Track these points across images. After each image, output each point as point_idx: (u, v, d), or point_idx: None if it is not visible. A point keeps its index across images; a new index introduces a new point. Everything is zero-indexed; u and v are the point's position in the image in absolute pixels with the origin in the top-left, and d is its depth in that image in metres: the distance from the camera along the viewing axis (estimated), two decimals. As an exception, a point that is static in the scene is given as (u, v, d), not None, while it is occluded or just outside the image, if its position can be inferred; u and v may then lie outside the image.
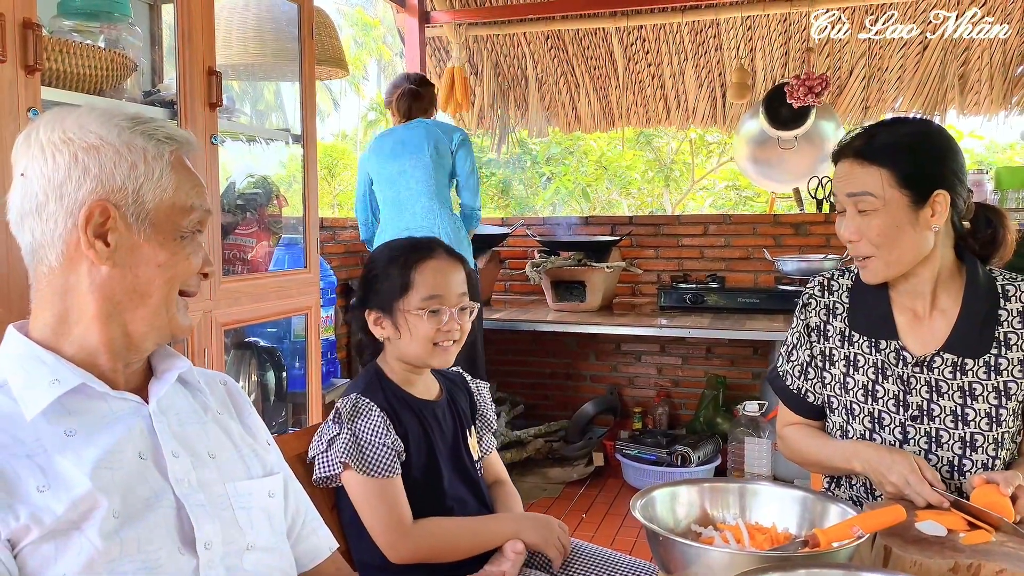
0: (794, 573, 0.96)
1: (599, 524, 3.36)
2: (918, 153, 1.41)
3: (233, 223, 2.45)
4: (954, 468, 1.44)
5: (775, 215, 4.36)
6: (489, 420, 1.71)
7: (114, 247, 0.93)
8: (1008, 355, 1.42)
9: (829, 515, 1.16)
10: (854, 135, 1.47)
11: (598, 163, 11.32)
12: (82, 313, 0.94)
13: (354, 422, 1.46)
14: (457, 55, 4.66)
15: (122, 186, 0.94)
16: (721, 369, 4.24)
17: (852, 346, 1.51)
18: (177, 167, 0.98)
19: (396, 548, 1.45)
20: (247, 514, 1.00)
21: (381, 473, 1.44)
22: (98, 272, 0.94)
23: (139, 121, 0.97)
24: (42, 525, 0.83)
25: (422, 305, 1.51)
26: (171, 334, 1.01)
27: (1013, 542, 1.16)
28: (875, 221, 1.40)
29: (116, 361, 0.96)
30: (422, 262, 1.54)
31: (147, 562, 0.88)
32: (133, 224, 0.94)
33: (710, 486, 1.27)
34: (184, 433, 0.99)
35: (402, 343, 1.54)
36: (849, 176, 1.43)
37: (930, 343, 1.45)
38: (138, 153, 0.95)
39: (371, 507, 1.45)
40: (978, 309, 1.44)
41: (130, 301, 0.95)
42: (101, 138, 0.93)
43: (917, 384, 1.45)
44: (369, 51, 17.67)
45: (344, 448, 1.44)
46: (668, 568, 1.12)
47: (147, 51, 2.29)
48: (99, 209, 0.92)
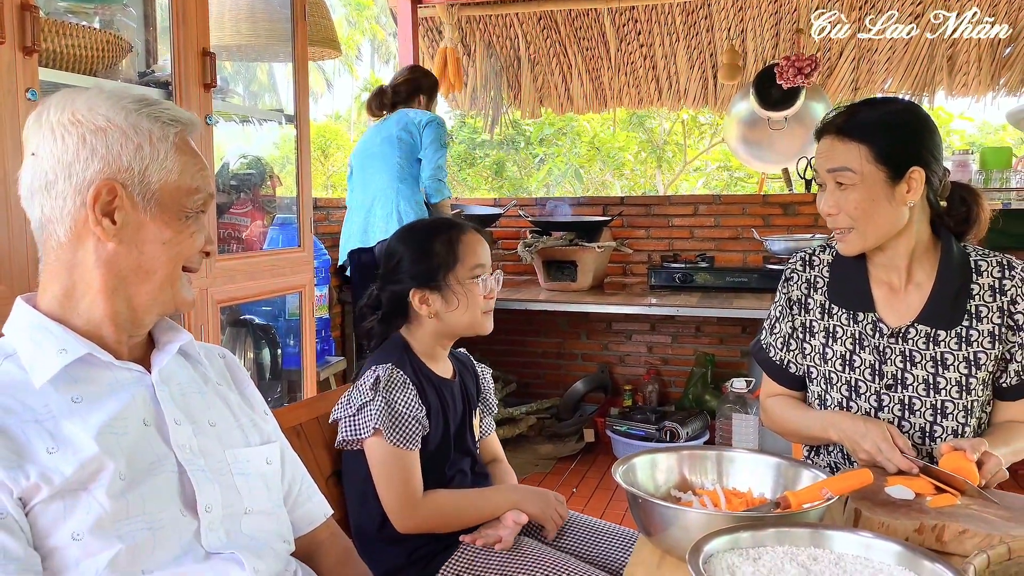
0: (765, 532, 1.01)
1: (589, 498, 3.43)
2: (896, 131, 1.46)
3: (228, 203, 2.49)
4: (925, 435, 1.50)
5: (764, 195, 4.41)
6: (491, 404, 1.78)
7: (120, 225, 0.97)
8: (979, 327, 1.48)
9: (801, 479, 1.22)
10: (836, 113, 1.52)
11: (591, 144, 11.34)
12: (88, 287, 0.98)
13: (390, 392, 1.51)
14: (449, 36, 4.67)
15: (128, 166, 0.97)
16: (710, 347, 4.30)
17: (831, 318, 1.57)
18: (182, 148, 1.01)
19: (405, 519, 1.50)
20: (245, 480, 1.05)
21: (406, 444, 1.50)
22: (104, 248, 0.97)
23: (146, 103, 1.00)
24: (52, 485, 0.88)
25: (472, 274, 1.59)
26: (175, 307, 1.05)
27: (977, 504, 1.22)
28: (853, 195, 1.46)
29: (120, 333, 1.00)
30: (463, 235, 1.62)
31: (151, 522, 0.92)
32: (139, 203, 0.98)
33: (689, 453, 1.33)
34: (186, 402, 1.04)
35: (454, 314, 1.60)
36: (830, 151, 1.48)
37: (905, 315, 1.51)
38: (144, 135, 0.98)
39: (388, 476, 1.50)
40: (951, 283, 1.49)
41: (135, 276, 1.00)
42: (109, 120, 0.97)
43: (892, 354, 1.51)
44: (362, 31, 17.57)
45: (378, 415, 1.49)
46: (648, 531, 1.17)
47: (141, 32, 2.31)
48: (106, 188, 0.96)
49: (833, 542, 0.99)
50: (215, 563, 0.96)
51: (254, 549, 1.00)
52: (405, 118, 3.48)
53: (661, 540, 1.14)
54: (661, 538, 1.14)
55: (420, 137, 3.45)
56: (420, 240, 1.63)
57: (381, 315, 1.66)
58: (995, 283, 1.49)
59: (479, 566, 1.51)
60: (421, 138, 3.45)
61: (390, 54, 17.85)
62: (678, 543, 1.08)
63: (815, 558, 0.96)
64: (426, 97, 3.62)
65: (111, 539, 0.89)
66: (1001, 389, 1.52)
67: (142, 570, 0.91)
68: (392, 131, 3.47)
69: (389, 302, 1.64)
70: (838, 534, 1.00)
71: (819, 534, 1.01)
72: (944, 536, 1.14)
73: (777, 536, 1.00)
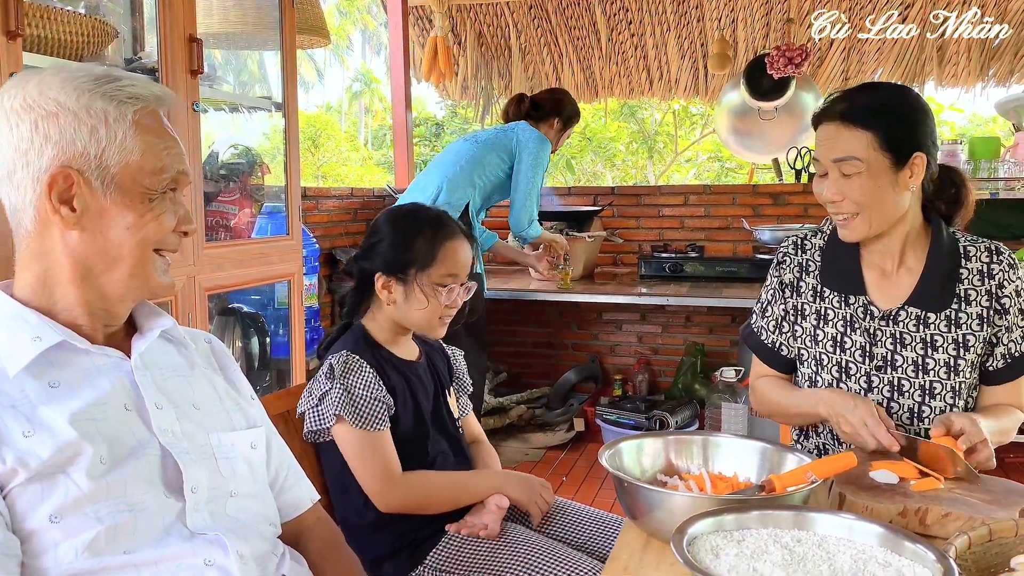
0: (749, 515, 1.02)
1: (579, 487, 3.44)
2: (899, 117, 1.46)
3: (216, 191, 2.48)
4: (914, 415, 1.52)
5: (754, 185, 4.41)
6: (466, 384, 1.77)
7: (80, 212, 0.95)
8: (968, 310, 1.50)
9: (786, 463, 1.22)
10: (833, 99, 1.51)
11: (582, 135, 11.33)
12: (59, 275, 0.97)
13: (346, 378, 1.52)
14: (440, 25, 4.65)
15: (84, 151, 0.94)
16: (700, 337, 4.31)
17: (823, 301, 1.58)
18: (143, 128, 0.97)
19: (386, 497, 1.50)
20: (229, 463, 1.05)
21: (373, 426, 1.50)
22: (70, 236, 0.96)
23: (103, 81, 0.96)
24: (28, 468, 0.87)
25: (441, 281, 1.58)
26: (150, 293, 1.03)
27: (960, 488, 1.23)
28: (858, 183, 1.45)
29: (95, 321, 0.99)
30: (448, 240, 1.61)
31: (132, 504, 0.92)
32: (98, 188, 0.95)
33: (675, 438, 1.33)
34: (168, 386, 1.03)
35: (408, 309, 1.59)
36: (834, 139, 1.46)
37: (896, 298, 1.52)
38: (98, 117, 0.94)
39: (362, 459, 1.50)
40: (941, 267, 1.51)
41: (103, 264, 0.97)
42: (59, 104, 0.93)
43: (882, 336, 1.52)
44: (353, 21, 17.51)
45: (338, 401, 1.49)
46: (634, 514, 1.18)
47: (127, 18, 2.30)
48: (62, 176, 0.93)
49: (816, 524, 1.00)
50: (198, 544, 0.96)
51: (238, 531, 1.00)
52: (508, 130, 3.36)
53: (646, 523, 1.15)
54: (646, 521, 1.15)
55: (515, 149, 3.32)
56: (405, 229, 1.63)
57: (356, 285, 1.66)
58: (983, 268, 1.51)
59: (465, 554, 1.51)
60: (516, 152, 3.32)
61: (381, 44, 17.80)
62: (663, 526, 1.09)
63: (799, 540, 0.97)
64: (562, 123, 3.49)
65: (90, 521, 0.89)
66: (987, 373, 1.53)
67: (123, 551, 0.91)
68: (480, 136, 3.38)
69: (358, 275, 1.65)
70: (821, 516, 1.01)
71: (803, 516, 1.01)
72: (927, 519, 1.15)
73: (761, 519, 1.01)
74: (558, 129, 3.48)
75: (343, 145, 16.49)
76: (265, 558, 1.03)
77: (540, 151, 3.31)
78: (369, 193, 4.37)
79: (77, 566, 0.88)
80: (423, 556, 1.54)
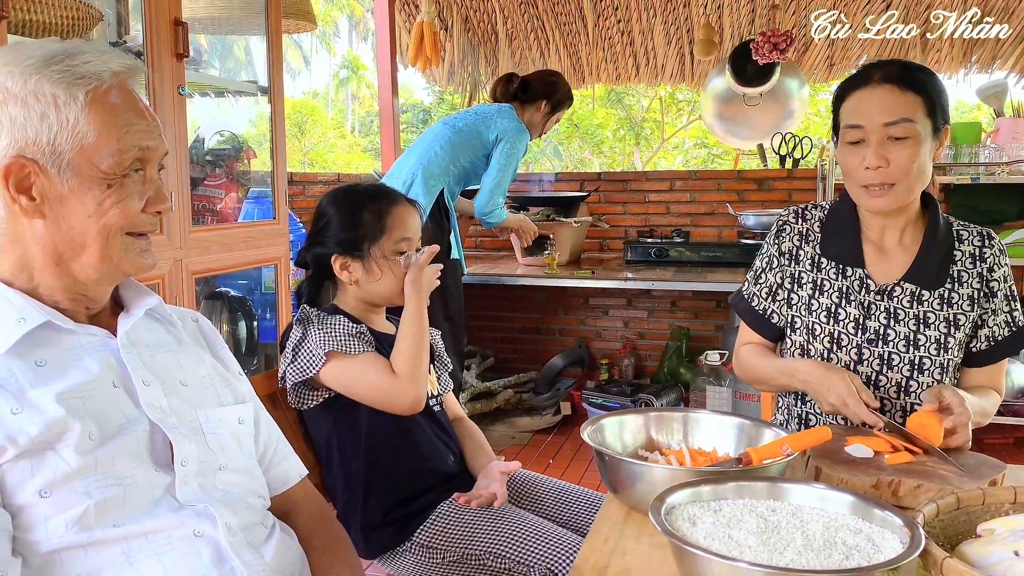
0: (726, 486, 1.04)
1: (565, 468, 3.48)
2: (938, 86, 1.48)
3: (202, 176, 2.48)
4: (901, 389, 1.55)
5: (739, 171, 4.45)
6: (445, 362, 1.80)
7: (40, 200, 0.93)
8: (960, 291, 1.53)
9: (763, 438, 1.25)
10: (872, 65, 1.49)
11: (569, 120, 11.34)
12: (35, 260, 0.97)
13: (323, 321, 1.56)
14: (426, 10, 4.64)
15: (35, 138, 0.91)
16: (685, 322, 4.35)
17: (820, 271, 1.59)
18: (98, 107, 0.93)
19: (406, 394, 1.53)
20: (217, 438, 1.06)
21: (363, 348, 1.54)
22: (35, 224, 0.94)
23: (55, 62, 0.92)
24: (17, 445, 0.89)
25: (396, 248, 1.61)
26: (125, 275, 1.03)
27: (931, 461, 1.27)
28: (908, 148, 1.43)
29: (76, 304, 1.00)
30: (393, 207, 1.63)
31: (121, 478, 0.94)
32: (54, 175, 0.92)
33: (656, 415, 1.36)
34: (155, 363, 1.04)
35: (374, 284, 1.62)
36: (887, 101, 1.44)
37: (891, 274, 1.55)
38: (47, 101, 0.91)
39: (365, 378, 1.54)
40: (937, 246, 1.54)
41: (71, 251, 0.96)
42: (6, 91, 0.91)
43: (877, 311, 1.55)
44: (340, 7, 17.39)
45: (322, 340, 1.52)
46: (615, 488, 1.21)
47: (112, 2, 2.29)
48: (17, 165, 0.91)
49: (791, 495, 1.03)
50: (187, 515, 0.98)
51: (227, 503, 1.02)
52: (486, 114, 3.35)
53: (628, 497, 1.18)
54: (627, 495, 1.17)
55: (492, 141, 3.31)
56: (350, 206, 1.64)
57: (310, 275, 1.68)
58: (976, 251, 1.55)
59: (452, 530, 1.54)
60: (494, 143, 3.31)
61: (368, 31, 17.70)
62: (644, 498, 1.11)
63: (773, 509, 1.00)
64: (550, 106, 3.47)
65: (79, 495, 0.90)
66: (971, 354, 1.57)
67: (113, 524, 0.92)
68: (456, 121, 3.36)
69: (314, 263, 1.66)
70: (795, 487, 1.04)
71: (777, 487, 1.04)
72: (900, 491, 1.19)
73: (737, 489, 1.03)
74: (545, 112, 3.47)
75: (330, 132, 16.42)
76: (253, 529, 1.05)
77: (517, 142, 3.32)
78: (356, 178, 4.37)
79: (67, 539, 0.90)
80: (412, 531, 1.56)
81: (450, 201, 3.33)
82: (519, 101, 3.44)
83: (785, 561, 0.87)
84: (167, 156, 1.05)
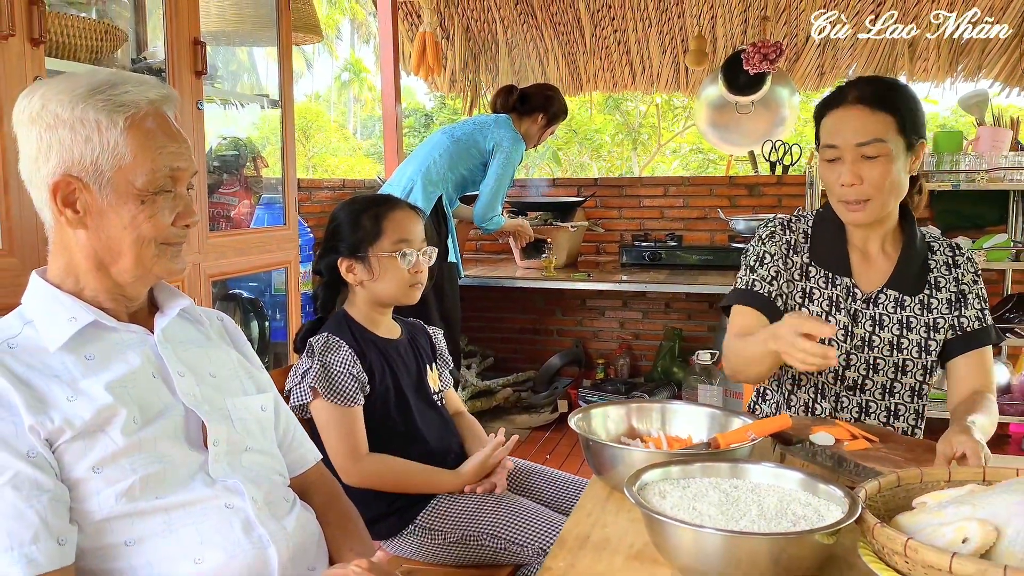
0: (694, 466, 1.18)
1: (561, 463, 3.61)
2: (911, 103, 1.55)
3: (217, 183, 2.62)
4: (886, 391, 1.66)
5: (731, 177, 4.58)
6: (447, 360, 1.93)
7: (83, 213, 1.07)
8: (938, 296, 1.64)
9: (732, 425, 1.39)
10: (845, 86, 1.57)
11: (568, 127, 11.47)
12: (80, 265, 1.12)
13: (325, 355, 1.68)
14: (428, 19, 4.78)
15: (80, 159, 1.05)
16: (678, 323, 4.49)
17: (809, 280, 1.67)
18: (136, 132, 1.06)
19: (349, 472, 1.66)
20: (243, 423, 1.20)
21: (344, 402, 1.66)
22: (79, 234, 1.09)
23: (98, 91, 1.05)
24: (73, 427, 1.02)
25: (394, 248, 1.73)
26: (158, 279, 1.17)
27: (886, 447, 1.40)
28: (880, 167, 1.50)
29: (117, 304, 1.14)
30: (390, 211, 1.77)
31: (161, 457, 1.08)
32: (96, 191, 1.06)
33: (637, 405, 1.49)
34: (187, 356, 1.19)
35: (377, 284, 1.75)
36: (858, 122, 1.51)
37: (876, 281, 1.65)
38: (91, 126, 1.05)
39: (332, 432, 1.66)
40: (915, 254, 1.64)
41: (109, 257, 1.10)
42: (57, 116, 1.04)
43: (863, 318, 1.64)
44: (342, 10, 17.49)
45: (314, 377, 1.65)
46: (599, 471, 1.34)
47: (132, 21, 2.42)
48: (64, 182, 1.05)
49: (750, 474, 1.16)
50: (219, 489, 1.12)
51: (253, 479, 1.16)
52: (484, 125, 3.48)
53: (610, 478, 1.31)
54: (610, 476, 1.31)
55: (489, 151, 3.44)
56: (352, 213, 1.78)
57: (325, 281, 1.81)
58: (948, 259, 1.66)
59: (452, 513, 1.68)
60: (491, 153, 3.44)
61: (370, 34, 17.82)
62: (624, 479, 1.24)
63: (735, 487, 1.13)
64: (547, 119, 3.60)
65: (126, 471, 1.04)
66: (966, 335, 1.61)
67: (155, 496, 1.06)
68: (455, 131, 3.49)
69: (327, 269, 1.80)
70: (754, 467, 1.17)
71: (738, 467, 1.17)
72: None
73: (704, 469, 1.17)
74: (542, 125, 3.62)
75: (333, 135, 16.56)
76: (277, 504, 1.18)
77: (513, 151, 3.45)
78: (360, 184, 4.51)
79: (117, 509, 1.04)
80: (414, 516, 1.70)
81: (448, 207, 3.46)
82: (517, 112, 3.58)
83: (740, 527, 1.00)
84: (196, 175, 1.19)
